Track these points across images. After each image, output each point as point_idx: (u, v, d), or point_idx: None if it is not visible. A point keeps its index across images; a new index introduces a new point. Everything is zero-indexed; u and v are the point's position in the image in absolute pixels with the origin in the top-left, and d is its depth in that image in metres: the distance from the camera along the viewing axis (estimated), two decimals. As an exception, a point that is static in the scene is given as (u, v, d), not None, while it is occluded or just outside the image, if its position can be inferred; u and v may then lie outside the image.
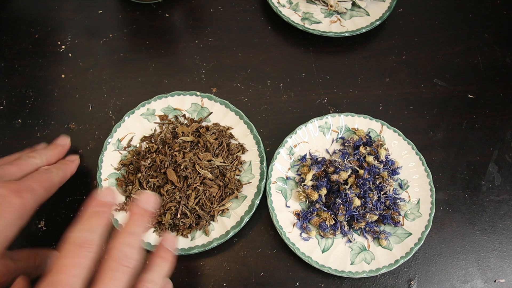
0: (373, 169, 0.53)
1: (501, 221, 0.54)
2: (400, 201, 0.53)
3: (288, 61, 0.64)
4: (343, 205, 0.51)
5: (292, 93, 0.62)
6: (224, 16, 0.67)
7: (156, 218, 0.51)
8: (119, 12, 0.68)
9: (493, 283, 0.51)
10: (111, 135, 0.55)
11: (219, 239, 0.50)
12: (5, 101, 0.60)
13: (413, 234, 0.51)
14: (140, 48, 0.65)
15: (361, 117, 0.57)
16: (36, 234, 0.52)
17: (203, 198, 0.51)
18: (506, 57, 0.65)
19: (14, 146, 0.57)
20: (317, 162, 0.54)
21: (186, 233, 0.51)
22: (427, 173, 0.53)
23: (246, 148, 0.55)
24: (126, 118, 0.56)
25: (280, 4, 0.65)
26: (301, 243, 0.50)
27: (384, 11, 0.64)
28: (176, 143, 0.53)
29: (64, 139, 0.54)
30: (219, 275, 0.51)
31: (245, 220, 0.50)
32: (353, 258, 0.50)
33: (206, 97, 0.58)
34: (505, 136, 0.59)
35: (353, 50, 0.65)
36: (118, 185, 0.53)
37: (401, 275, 0.51)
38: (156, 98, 0.57)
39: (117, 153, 0.55)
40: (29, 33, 0.66)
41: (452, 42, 0.66)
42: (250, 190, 0.53)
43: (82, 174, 0.55)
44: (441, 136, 0.59)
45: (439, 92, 0.62)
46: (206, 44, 0.65)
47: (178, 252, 0.49)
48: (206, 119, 0.57)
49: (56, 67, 0.63)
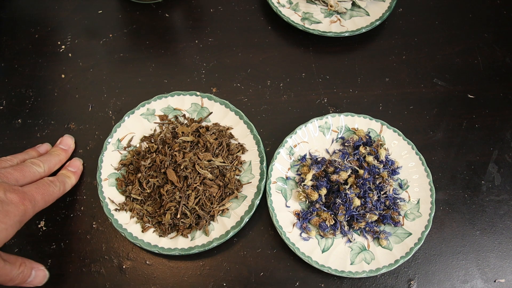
0: (373, 169, 0.53)
1: (501, 221, 0.54)
2: (400, 201, 0.53)
3: (288, 61, 0.64)
4: (343, 205, 0.51)
5: (292, 93, 0.62)
6: (224, 16, 0.67)
7: (156, 218, 0.51)
8: (119, 12, 0.68)
9: (493, 283, 0.51)
10: (111, 135, 0.55)
11: (219, 239, 0.50)
12: (5, 101, 0.60)
13: (413, 234, 0.51)
14: (140, 48, 0.65)
15: (361, 117, 0.57)
16: (36, 234, 0.52)
17: (203, 198, 0.51)
18: (506, 57, 0.65)
19: (14, 146, 0.57)
20: (317, 162, 0.54)
21: (186, 233, 0.51)
22: (427, 173, 0.53)
23: (246, 148, 0.55)
24: (126, 118, 0.56)
25: (280, 4, 0.65)
26: (301, 243, 0.50)
27: (384, 11, 0.64)
28: (176, 143, 0.53)
29: (68, 141, 0.56)
30: (219, 275, 0.51)
31: (245, 220, 0.50)
32: (353, 258, 0.50)
33: (206, 97, 0.58)
34: (505, 136, 0.59)
35: (353, 50, 0.65)
36: (118, 185, 0.53)
37: (401, 275, 0.51)
38: (156, 98, 0.57)
39: (117, 153, 0.55)
40: (29, 33, 0.66)
41: (452, 42, 0.66)
42: (250, 190, 0.53)
43: (82, 174, 0.55)
44: (441, 136, 0.59)
45: (439, 92, 0.62)
46: (206, 44, 0.65)
47: (178, 252, 0.49)
48: (206, 119, 0.57)
49: (56, 67, 0.63)
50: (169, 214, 0.50)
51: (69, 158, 0.55)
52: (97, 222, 0.53)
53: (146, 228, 0.51)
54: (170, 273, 0.51)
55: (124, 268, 0.51)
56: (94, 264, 0.51)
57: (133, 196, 0.52)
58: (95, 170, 0.54)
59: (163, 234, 0.51)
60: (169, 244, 0.50)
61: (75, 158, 0.56)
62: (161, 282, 0.50)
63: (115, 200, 0.52)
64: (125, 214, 0.52)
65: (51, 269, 0.49)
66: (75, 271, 0.51)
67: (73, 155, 0.56)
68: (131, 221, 0.51)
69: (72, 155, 0.56)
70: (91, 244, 0.52)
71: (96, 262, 0.51)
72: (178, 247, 0.49)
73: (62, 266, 0.51)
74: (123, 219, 0.51)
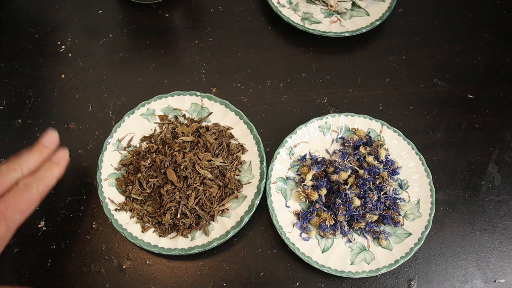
0: (373, 169, 0.53)
1: (501, 221, 0.54)
2: (400, 201, 0.53)
3: (288, 61, 0.64)
4: (343, 205, 0.51)
5: (292, 93, 0.62)
6: (224, 16, 0.67)
7: (156, 218, 0.51)
8: (119, 12, 0.68)
9: (493, 283, 0.51)
10: (111, 135, 0.55)
11: (219, 239, 0.50)
12: (5, 101, 0.60)
13: (413, 234, 0.51)
14: (140, 48, 0.65)
15: (361, 117, 0.57)
16: (36, 234, 0.52)
17: (203, 198, 0.51)
18: (506, 57, 0.65)
19: (14, 146, 0.57)
20: (317, 162, 0.54)
21: (186, 233, 0.51)
22: (427, 173, 0.53)
23: (246, 148, 0.55)
24: (126, 118, 0.56)
25: (280, 4, 0.65)
26: (301, 243, 0.50)
27: (384, 11, 0.64)
28: (176, 143, 0.53)
29: (51, 137, 0.47)
30: (219, 275, 0.51)
31: (245, 220, 0.50)
32: (353, 258, 0.50)
33: (206, 97, 0.58)
34: (505, 136, 0.59)
35: (353, 50, 0.65)
36: (118, 185, 0.53)
37: (401, 275, 0.51)
38: (156, 98, 0.57)
39: (117, 153, 0.55)
40: (29, 33, 0.66)
41: (452, 42, 0.66)
42: (250, 190, 0.53)
43: (82, 174, 0.55)
44: (441, 136, 0.59)
45: (439, 92, 0.62)
46: (206, 44, 0.65)
47: (178, 252, 0.49)
48: (206, 119, 0.57)
49: (56, 67, 0.63)
50: (169, 214, 0.50)
51: None
52: (97, 222, 0.53)
53: (146, 228, 0.51)
54: (170, 273, 0.51)
55: (124, 268, 0.51)
56: (94, 264, 0.51)
57: (133, 196, 0.52)
58: (95, 170, 0.54)
59: (163, 234, 0.51)
60: (169, 244, 0.50)
61: (60, 148, 0.48)
62: (161, 282, 0.50)
63: (115, 200, 0.52)
64: (125, 214, 0.52)
65: (51, 269, 0.49)
66: (75, 271, 0.51)
67: (73, 155, 0.56)
68: (131, 221, 0.51)
69: (72, 154, 0.56)
70: (91, 244, 0.52)
71: (96, 262, 0.51)
72: (178, 247, 0.49)
73: (62, 266, 0.51)
74: (123, 219, 0.51)
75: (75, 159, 0.56)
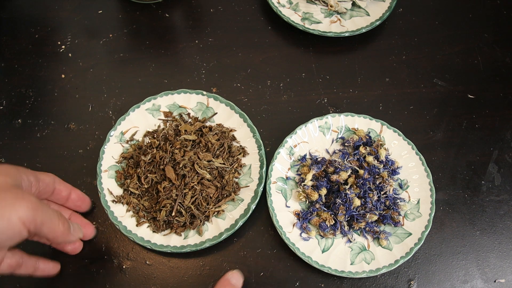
0: (373, 169, 0.53)
1: (501, 221, 0.54)
2: (400, 201, 0.53)
3: (288, 61, 0.64)
4: (343, 205, 0.51)
5: (292, 93, 0.62)
6: (224, 16, 0.67)
7: (151, 214, 0.51)
8: (119, 12, 0.68)
9: (493, 283, 0.51)
10: (115, 128, 0.55)
11: (211, 240, 0.50)
12: (5, 101, 0.60)
13: (413, 234, 0.51)
14: (140, 48, 0.65)
15: (361, 117, 0.57)
16: (36, 234, 0.52)
17: (199, 197, 0.51)
18: (506, 57, 0.65)
19: (14, 146, 0.57)
20: (317, 162, 0.54)
21: (180, 231, 0.51)
22: (427, 173, 0.53)
23: (248, 151, 0.55)
24: (131, 112, 0.56)
25: (280, 4, 0.65)
26: (301, 243, 0.50)
27: (384, 11, 0.64)
28: (178, 140, 0.53)
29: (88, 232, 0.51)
30: (219, 275, 0.51)
31: (240, 223, 0.50)
32: (353, 258, 0.50)
33: (212, 97, 0.57)
34: (505, 136, 0.59)
35: (353, 50, 0.65)
36: (117, 178, 0.53)
37: (401, 275, 0.51)
38: (163, 94, 0.57)
39: (119, 145, 0.55)
40: (29, 33, 0.66)
41: (452, 42, 0.66)
42: (247, 194, 0.53)
43: (82, 174, 0.55)
44: (441, 136, 0.59)
45: (439, 92, 0.62)
46: (206, 44, 0.65)
47: (170, 250, 0.49)
48: (210, 119, 0.57)
49: (56, 67, 0.63)
50: (164, 211, 0.50)
51: None
52: (97, 222, 0.53)
53: (140, 222, 0.51)
54: (170, 273, 0.51)
55: (124, 268, 0.51)
56: (94, 264, 0.51)
57: (131, 189, 0.52)
58: (95, 171, 0.53)
59: (156, 230, 0.51)
60: (161, 241, 0.50)
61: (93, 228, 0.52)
62: (161, 282, 0.50)
63: (113, 192, 0.52)
64: (121, 207, 0.52)
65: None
66: (75, 271, 0.51)
67: (73, 155, 0.57)
68: (127, 215, 0.51)
69: (72, 154, 0.57)
70: (91, 244, 0.52)
71: (96, 262, 0.51)
72: (170, 245, 0.49)
73: (62, 266, 0.51)
74: (119, 212, 0.51)
75: (75, 159, 0.57)
